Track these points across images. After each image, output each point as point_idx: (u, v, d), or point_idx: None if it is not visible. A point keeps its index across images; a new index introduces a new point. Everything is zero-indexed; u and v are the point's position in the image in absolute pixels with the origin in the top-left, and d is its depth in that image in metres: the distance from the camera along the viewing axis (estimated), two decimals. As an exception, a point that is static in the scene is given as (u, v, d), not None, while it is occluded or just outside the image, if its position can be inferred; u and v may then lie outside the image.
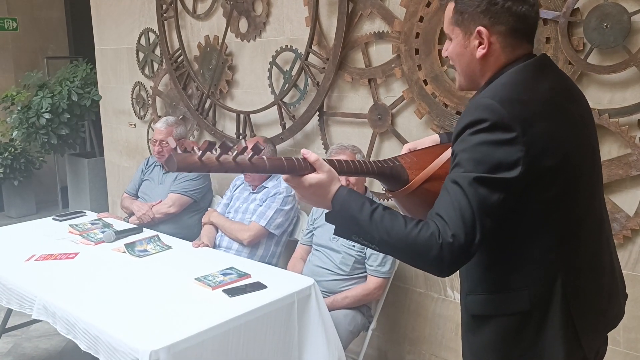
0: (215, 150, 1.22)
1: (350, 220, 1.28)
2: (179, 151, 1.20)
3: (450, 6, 1.37)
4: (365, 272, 2.72)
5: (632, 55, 2.20)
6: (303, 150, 1.34)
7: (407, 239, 1.22)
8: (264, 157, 1.27)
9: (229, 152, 1.23)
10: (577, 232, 1.36)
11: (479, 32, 1.32)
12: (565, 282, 1.33)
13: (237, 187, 3.35)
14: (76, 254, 2.82)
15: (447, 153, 1.45)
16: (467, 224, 1.20)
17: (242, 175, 3.29)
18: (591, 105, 2.29)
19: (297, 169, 1.30)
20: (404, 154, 1.54)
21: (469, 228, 1.20)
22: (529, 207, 1.28)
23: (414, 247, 1.21)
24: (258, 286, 2.39)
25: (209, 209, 3.43)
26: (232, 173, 1.24)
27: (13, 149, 5.84)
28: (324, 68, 3.16)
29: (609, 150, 2.34)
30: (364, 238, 1.27)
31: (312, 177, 1.30)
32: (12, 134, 5.42)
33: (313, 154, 1.32)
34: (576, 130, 1.36)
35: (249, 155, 1.25)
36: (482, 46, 1.33)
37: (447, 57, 1.44)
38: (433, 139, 1.62)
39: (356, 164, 1.39)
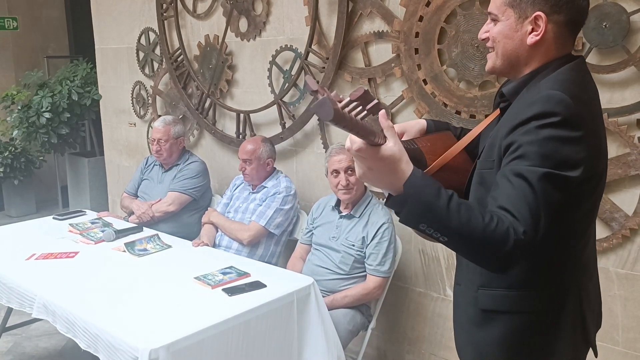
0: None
1: (424, 206, 1.14)
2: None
3: None
4: (365, 271, 2.72)
5: (631, 55, 2.21)
6: (382, 113, 1.11)
7: (485, 231, 1.13)
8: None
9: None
10: (590, 234, 1.39)
11: (537, 18, 1.28)
12: (581, 282, 1.36)
13: (237, 187, 3.35)
14: (76, 253, 2.83)
15: (460, 144, 1.44)
16: (535, 220, 1.15)
17: (241, 175, 3.29)
18: (590, 104, 2.32)
19: (375, 134, 1.09)
20: (418, 138, 1.49)
21: (536, 225, 1.15)
22: (571, 210, 1.26)
23: (489, 240, 1.13)
24: (257, 285, 2.40)
25: (208, 208, 3.43)
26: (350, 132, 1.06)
27: (13, 148, 5.84)
28: (323, 67, 3.16)
29: (607, 150, 2.34)
30: (436, 227, 1.15)
31: (389, 149, 1.12)
32: (12, 133, 5.42)
33: (390, 122, 1.14)
34: (604, 134, 1.38)
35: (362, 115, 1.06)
36: (535, 32, 1.29)
37: (484, 39, 1.38)
38: (420, 123, 1.57)
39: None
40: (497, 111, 1.46)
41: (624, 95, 2.27)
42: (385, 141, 1.11)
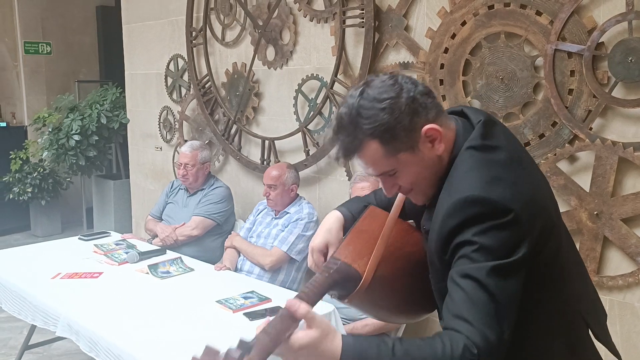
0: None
1: None
2: None
3: (373, 146, 1.21)
4: (386, 300, 2.71)
5: (658, 89, 2.21)
6: (289, 302, 1.09)
7: None
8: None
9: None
10: (568, 268, 1.33)
11: (429, 130, 1.21)
12: (581, 312, 1.34)
13: (260, 212, 3.38)
14: (100, 273, 2.87)
15: (388, 226, 1.36)
16: (493, 320, 1.10)
17: (265, 200, 3.33)
18: (615, 138, 2.32)
19: (282, 332, 1.06)
20: (335, 250, 1.38)
21: (496, 324, 1.10)
22: (534, 272, 1.20)
23: None
24: (278, 311, 2.40)
25: (232, 232, 3.46)
26: None
27: (42, 169, 5.97)
28: (348, 96, 3.19)
29: (633, 184, 2.33)
30: None
31: (301, 337, 1.07)
32: (42, 155, 5.54)
33: (302, 306, 1.08)
34: (537, 171, 1.33)
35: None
36: (437, 140, 1.23)
37: (399, 189, 1.29)
38: (336, 220, 1.47)
39: (311, 294, 1.23)
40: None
41: (649, 130, 2.26)
42: (295, 328, 1.07)
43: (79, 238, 3.53)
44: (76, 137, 5.21)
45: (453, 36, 2.76)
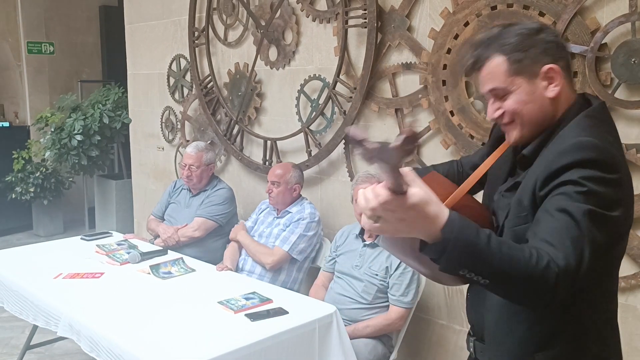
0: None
1: (465, 250, 1.07)
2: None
3: (499, 60, 1.30)
4: (388, 301, 2.71)
5: (661, 91, 2.20)
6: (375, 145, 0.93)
7: (527, 269, 1.08)
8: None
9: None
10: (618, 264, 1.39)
11: (550, 70, 1.29)
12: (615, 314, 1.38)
13: (263, 211, 3.38)
14: (102, 273, 2.87)
15: (470, 180, 1.41)
16: (578, 252, 1.12)
17: (267, 200, 3.32)
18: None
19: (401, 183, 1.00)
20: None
21: (579, 257, 1.12)
22: (609, 250, 1.25)
23: (532, 278, 1.09)
24: (280, 312, 2.40)
25: (239, 221, 3.41)
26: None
27: (44, 169, 5.98)
28: (351, 97, 3.20)
29: (636, 186, 2.31)
30: (477, 271, 1.09)
31: (416, 194, 1.01)
32: (44, 154, 5.55)
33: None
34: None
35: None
36: (553, 84, 1.30)
37: (498, 117, 1.34)
38: None
39: None
40: (502, 147, 1.45)
41: (653, 131, 2.26)
42: (408, 188, 1.01)
43: (81, 238, 3.53)
44: (78, 137, 5.22)
45: (456, 37, 2.76)
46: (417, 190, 1.02)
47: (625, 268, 2.37)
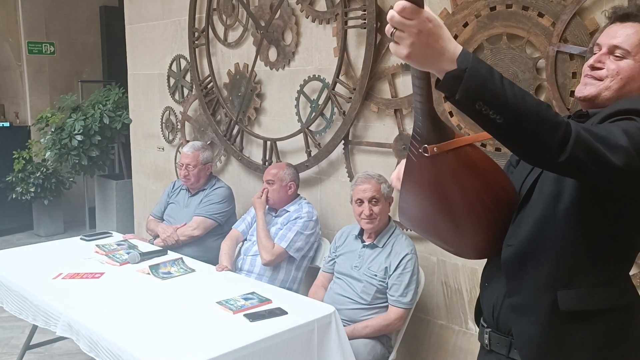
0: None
1: (481, 80, 1.07)
2: None
3: None
4: (387, 302, 2.71)
5: (660, 92, 2.20)
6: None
7: (539, 109, 1.10)
8: None
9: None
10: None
11: None
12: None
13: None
14: (102, 273, 2.87)
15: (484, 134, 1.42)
16: (613, 135, 1.13)
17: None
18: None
19: None
20: None
21: (614, 138, 1.13)
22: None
23: (544, 120, 1.10)
24: (279, 312, 2.40)
25: (261, 192, 3.29)
26: None
27: (45, 169, 5.99)
28: (350, 98, 3.20)
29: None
30: (492, 104, 1.08)
31: (431, 13, 1.07)
32: (44, 155, 5.56)
33: None
34: None
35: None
36: None
37: (597, 68, 1.36)
38: None
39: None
40: None
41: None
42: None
43: (81, 238, 3.53)
44: (79, 137, 5.22)
45: (455, 37, 2.75)
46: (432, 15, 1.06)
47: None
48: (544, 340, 1.34)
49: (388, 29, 1.07)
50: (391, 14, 1.05)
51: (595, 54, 1.39)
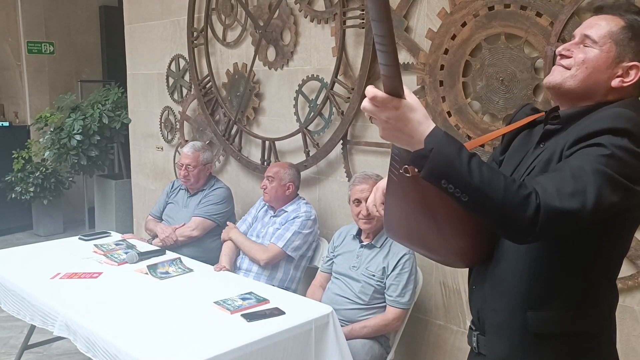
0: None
1: (446, 161, 1.12)
2: None
3: (617, 22, 1.33)
4: (385, 302, 2.71)
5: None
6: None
7: (506, 192, 1.11)
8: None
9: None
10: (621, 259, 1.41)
11: (633, 67, 1.31)
12: (614, 307, 1.39)
13: (260, 209, 3.39)
14: (100, 273, 2.87)
15: (485, 138, 1.44)
16: (577, 196, 1.12)
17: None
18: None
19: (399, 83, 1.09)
20: None
21: (579, 200, 1.12)
22: (626, 225, 1.30)
23: (512, 200, 1.11)
24: (276, 312, 2.40)
25: (228, 223, 3.41)
26: None
27: (44, 169, 5.99)
28: (349, 97, 3.20)
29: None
30: (457, 184, 1.12)
31: (414, 102, 1.12)
32: (44, 154, 5.56)
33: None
34: None
35: None
36: (623, 79, 1.31)
37: (564, 54, 1.37)
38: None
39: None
40: (528, 119, 1.46)
41: None
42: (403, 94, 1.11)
43: (79, 238, 3.53)
44: (78, 137, 5.22)
45: (453, 37, 2.76)
46: (410, 98, 1.12)
47: (623, 269, 2.36)
48: (511, 359, 1.38)
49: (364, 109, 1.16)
50: (364, 103, 1.13)
51: None
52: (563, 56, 1.37)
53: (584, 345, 1.33)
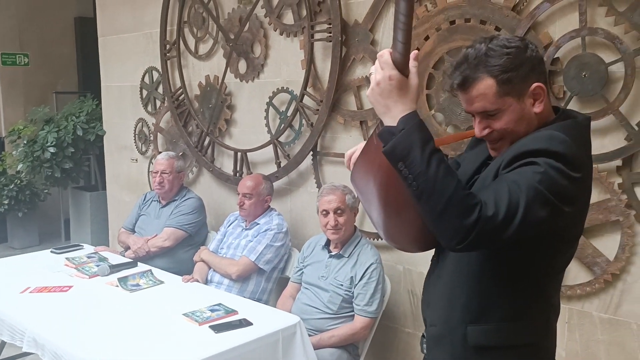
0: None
1: (410, 145, 1.19)
2: None
3: (488, 82, 1.31)
4: (353, 311, 2.75)
5: (610, 103, 2.28)
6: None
7: (455, 193, 1.16)
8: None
9: None
10: (560, 280, 1.46)
11: (537, 88, 1.32)
12: (552, 320, 1.43)
13: (231, 223, 3.41)
14: (70, 287, 2.87)
15: (446, 139, 1.54)
16: (511, 209, 1.17)
17: (236, 212, 3.36)
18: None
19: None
20: None
21: (511, 214, 1.17)
22: (557, 246, 1.34)
23: (456, 203, 1.16)
24: (244, 323, 2.43)
25: (201, 247, 3.47)
26: None
27: (19, 181, 5.94)
28: (317, 109, 3.25)
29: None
30: (412, 170, 1.18)
31: (410, 85, 1.24)
32: (17, 167, 5.52)
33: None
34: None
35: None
36: (538, 100, 1.33)
37: (486, 135, 1.37)
38: None
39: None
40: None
41: (603, 143, 2.32)
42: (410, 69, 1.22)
43: (51, 251, 3.53)
44: (51, 150, 5.20)
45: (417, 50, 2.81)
46: (411, 81, 1.23)
47: (581, 276, 2.44)
48: None
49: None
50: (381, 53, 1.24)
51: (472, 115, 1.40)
52: (488, 136, 1.38)
53: (523, 356, 1.38)
